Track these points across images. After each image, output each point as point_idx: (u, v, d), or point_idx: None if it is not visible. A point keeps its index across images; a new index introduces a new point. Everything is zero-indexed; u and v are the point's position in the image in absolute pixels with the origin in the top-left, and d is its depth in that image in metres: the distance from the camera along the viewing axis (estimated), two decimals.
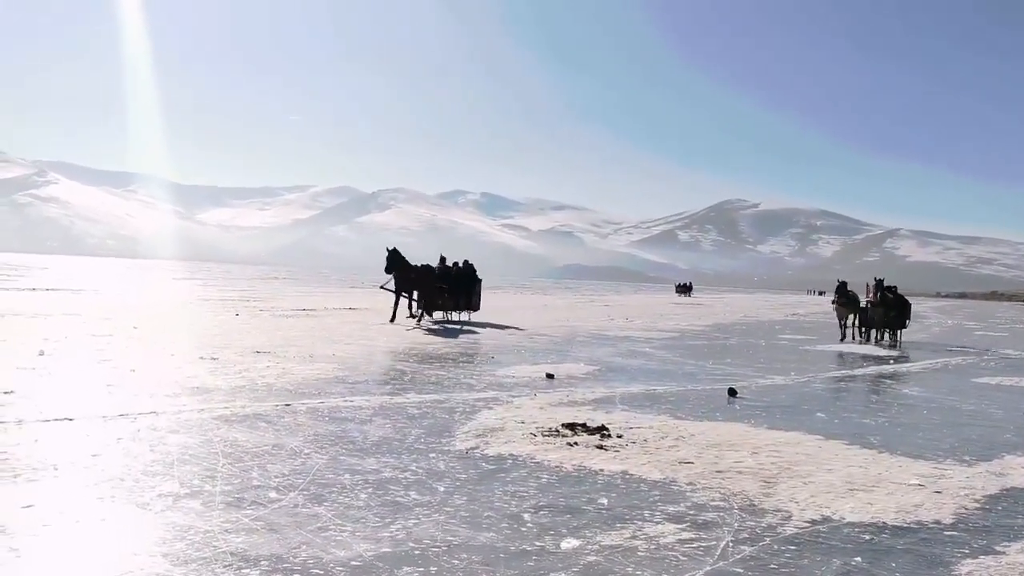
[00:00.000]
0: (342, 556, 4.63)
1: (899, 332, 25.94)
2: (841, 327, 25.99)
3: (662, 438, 8.35)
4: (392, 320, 23.57)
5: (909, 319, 26.22)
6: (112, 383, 10.27)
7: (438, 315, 26.70)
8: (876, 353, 21.70)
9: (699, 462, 7.31)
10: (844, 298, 25.79)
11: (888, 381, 15.09)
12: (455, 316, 26.88)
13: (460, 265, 27.52)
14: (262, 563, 4.49)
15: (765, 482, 6.69)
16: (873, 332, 25.83)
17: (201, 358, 13.13)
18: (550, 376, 12.91)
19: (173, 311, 26.50)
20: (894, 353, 21.90)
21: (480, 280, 27.72)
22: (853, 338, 25.70)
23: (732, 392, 12.12)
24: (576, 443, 7.87)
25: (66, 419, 7.93)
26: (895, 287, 25.93)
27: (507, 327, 24.36)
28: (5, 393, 9.11)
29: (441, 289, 25.98)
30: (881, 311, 25.16)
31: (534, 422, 8.82)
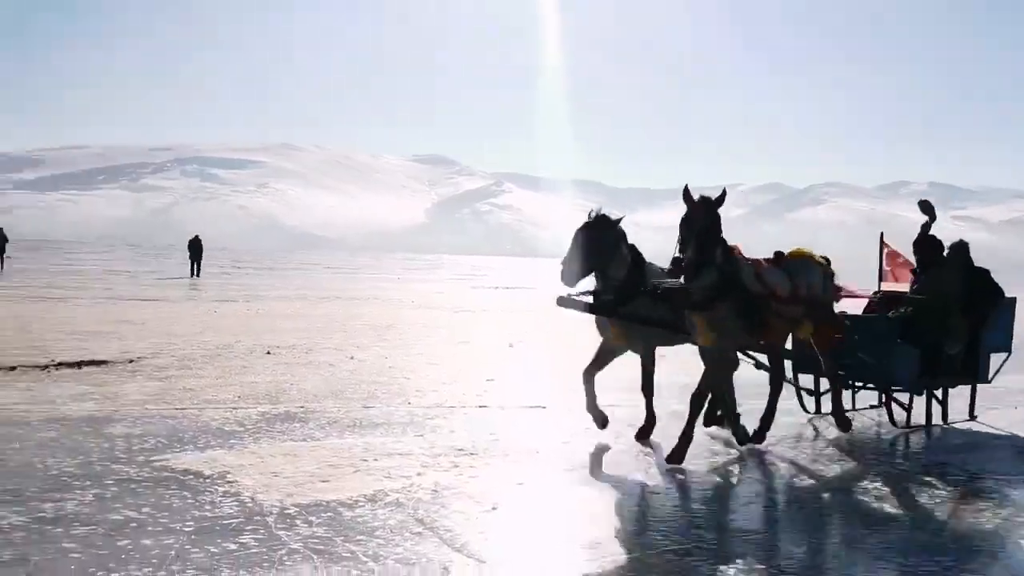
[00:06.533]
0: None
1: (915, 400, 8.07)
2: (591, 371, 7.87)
3: None
4: None
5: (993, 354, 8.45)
6: (573, 375, 11.07)
7: None
8: None
9: None
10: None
11: None
12: None
13: None
14: (737, 562, 4.50)
15: None
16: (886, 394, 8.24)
17: None
18: None
19: None
20: None
21: None
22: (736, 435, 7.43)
23: None
24: None
25: (539, 407, 8.74)
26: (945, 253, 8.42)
27: None
28: (487, 380, 10.28)
29: None
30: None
31: None
